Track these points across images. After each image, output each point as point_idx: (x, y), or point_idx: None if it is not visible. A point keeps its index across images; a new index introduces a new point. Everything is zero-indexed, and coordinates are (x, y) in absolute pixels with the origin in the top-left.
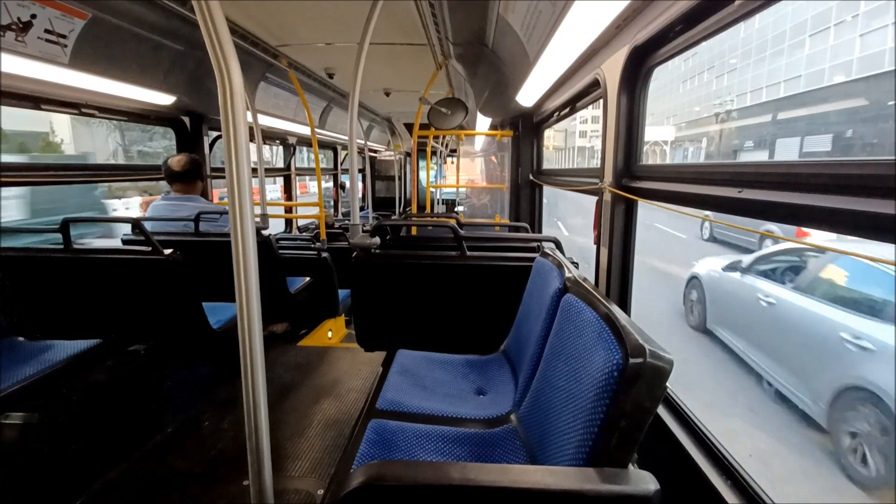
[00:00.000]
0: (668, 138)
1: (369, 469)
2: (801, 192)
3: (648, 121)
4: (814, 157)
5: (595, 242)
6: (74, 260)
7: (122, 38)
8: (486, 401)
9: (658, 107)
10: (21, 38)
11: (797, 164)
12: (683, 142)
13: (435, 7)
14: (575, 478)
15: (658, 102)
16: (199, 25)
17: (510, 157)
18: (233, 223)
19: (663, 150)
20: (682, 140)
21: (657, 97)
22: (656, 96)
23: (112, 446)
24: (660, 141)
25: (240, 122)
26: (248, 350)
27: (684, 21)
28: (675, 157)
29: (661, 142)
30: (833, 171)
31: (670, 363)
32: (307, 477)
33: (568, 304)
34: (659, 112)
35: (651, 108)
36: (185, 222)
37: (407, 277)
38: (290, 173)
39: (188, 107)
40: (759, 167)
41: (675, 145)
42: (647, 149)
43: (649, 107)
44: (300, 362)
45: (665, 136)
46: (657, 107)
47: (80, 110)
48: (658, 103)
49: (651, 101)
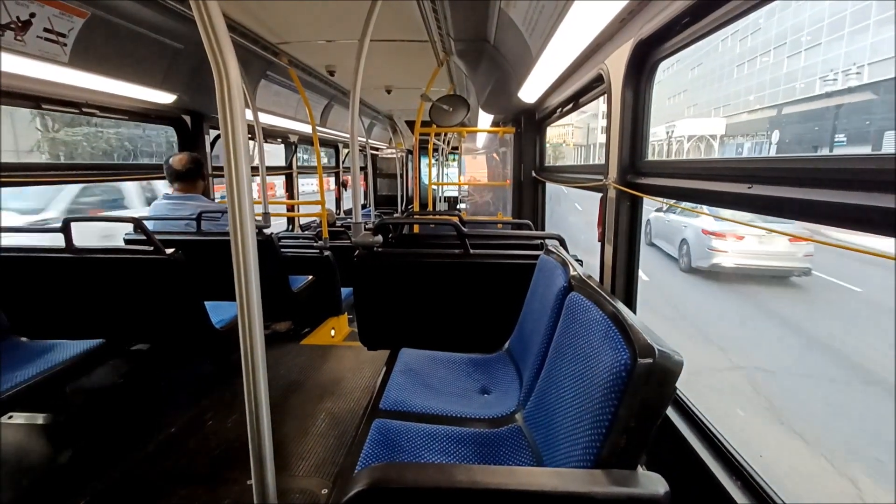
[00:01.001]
0: (716, 132)
1: (374, 471)
2: (813, 188)
3: (690, 112)
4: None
5: (599, 240)
6: (76, 260)
7: (122, 37)
8: (490, 400)
9: (702, 96)
10: (20, 37)
11: (809, 158)
12: (736, 135)
13: (436, 3)
14: (583, 480)
15: (702, 91)
16: None
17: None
18: (232, 222)
19: (709, 145)
20: (736, 133)
21: (701, 85)
22: (699, 84)
23: (115, 446)
24: (706, 135)
25: (238, 121)
26: (250, 349)
27: (691, 14)
28: (725, 154)
29: (708, 136)
30: (850, 165)
31: (680, 363)
32: (311, 476)
33: (573, 302)
34: (703, 102)
35: (693, 98)
36: (187, 221)
37: (410, 276)
38: (291, 172)
39: (189, 105)
40: (769, 162)
41: (725, 140)
42: (687, 146)
43: (690, 97)
44: (303, 361)
45: (712, 129)
46: (699, 97)
47: (80, 110)
48: (702, 92)
49: (693, 90)
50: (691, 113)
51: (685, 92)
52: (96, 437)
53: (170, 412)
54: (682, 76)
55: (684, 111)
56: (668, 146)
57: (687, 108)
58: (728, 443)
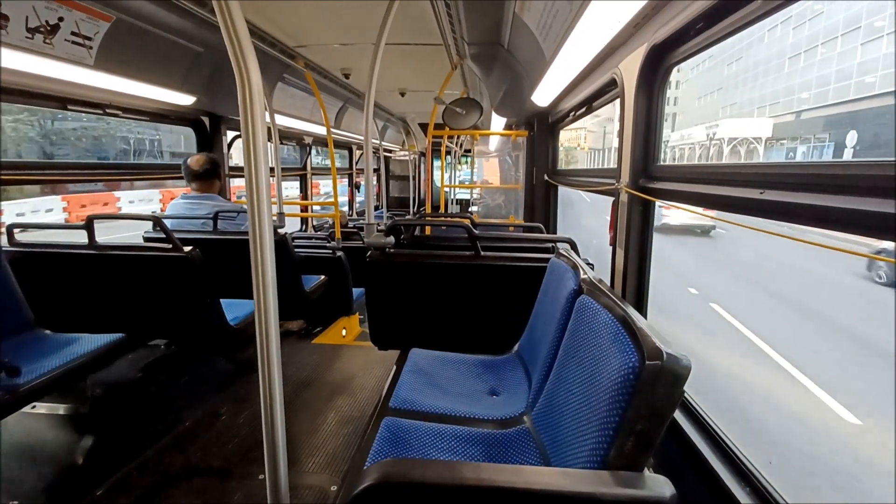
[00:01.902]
0: (761, 133)
1: (383, 467)
2: (828, 194)
3: (727, 112)
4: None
5: (611, 243)
6: (99, 256)
7: (145, 40)
8: (499, 401)
9: (741, 94)
10: (49, 40)
11: (824, 164)
12: (785, 138)
13: (451, 7)
14: (590, 481)
15: (741, 89)
16: (218, 27)
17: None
18: (251, 222)
19: (751, 149)
20: (785, 136)
21: (741, 82)
22: (738, 81)
23: (132, 437)
24: (749, 137)
25: (258, 122)
26: (265, 346)
27: (705, 18)
28: (771, 159)
29: (752, 139)
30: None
31: (688, 367)
32: (321, 473)
33: (583, 305)
34: (745, 101)
35: (729, 96)
36: (204, 220)
37: (421, 277)
38: (305, 173)
39: (207, 107)
40: (782, 167)
41: (770, 144)
42: (726, 150)
43: (726, 97)
44: (315, 359)
45: (756, 130)
46: (738, 95)
47: (104, 111)
48: (741, 90)
49: (730, 88)
50: (728, 113)
51: (719, 90)
52: (114, 428)
53: (185, 406)
54: (715, 73)
55: (718, 111)
56: (707, 150)
57: (722, 109)
58: (737, 447)
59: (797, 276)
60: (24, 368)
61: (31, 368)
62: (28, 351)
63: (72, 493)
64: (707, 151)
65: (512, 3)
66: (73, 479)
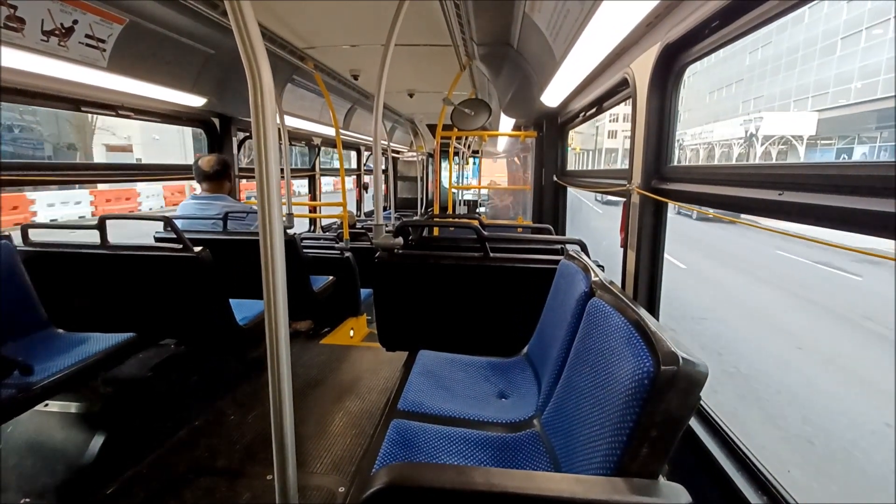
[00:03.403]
0: (802, 131)
1: (393, 470)
2: (851, 196)
3: (761, 105)
4: None
5: (622, 245)
6: (111, 256)
7: (157, 43)
8: (508, 404)
9: (771, 87)
10: (64, 42)
11: (847, 164)
12: (832, 136)
13: (460, 7)
14: (603, 487)
15: (769, 80)
16: (228, 29)
17: (534, 157)
18: (262, 222)
19: (785, 149)
20: (832, 133)
21: (769, 72)
22: (765, 72)
23: (142, 437)
24: (787, 136)
25: (269, 123)
26: (275, 346)
27: (720, 17)
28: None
29: (791, 137)
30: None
31: (705, 373)
32: (328, 474)
33: (594, 308)
34: (782, 93)
35: (753, 89)
36: (214, 221)
37: (429, 278)
38: (314, 174)
39: (217, 108)
40: (801, 168)
41: (812, 143)
42: (759, 150)
43: (748, 89)
44: (322, 360)
45: (796, 127)
46: (764, 88)
47: (117, 112)
48: (770, 82)
49: (753, 79)
50: (751, 108)
51: (739, 82)
52: (125, 426)
53: (194, 406)
54: (732, 64)
55: (738, 106)
56: (744, 148)
57: (743, 103)
58: (754, 455)
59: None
60: (37, 367)
61: (44, 367)
62: (41, 349)
63: (82, 491)
64: (730, 151)
65: (522, 3)
66: (84, 477)
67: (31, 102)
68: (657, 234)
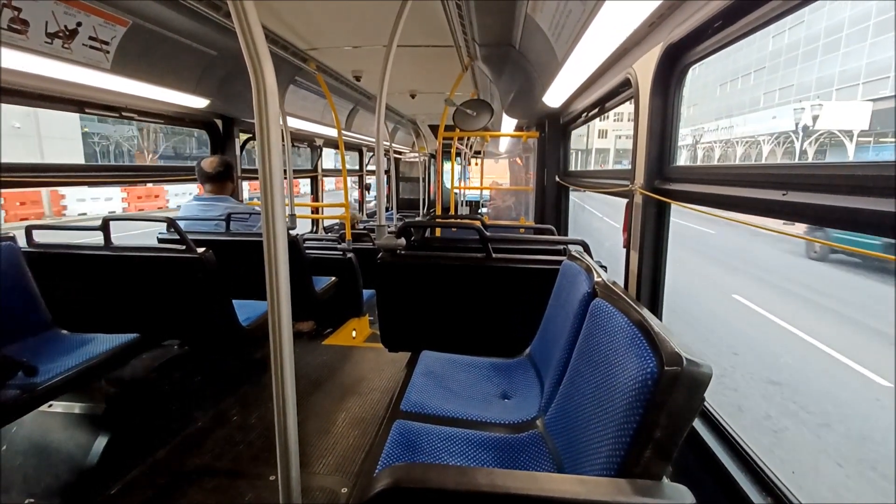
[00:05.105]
0: (852, 125)
1: (396, 471)
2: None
3: (773, 99)
4: None
5: (625, 246)
6: (114, 257)
7: (160, 44)
8: (510, 405)
9: (804, 75)
10: (68, 44)
11: (852, 164)
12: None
13: (462, 8)
14: (606, 488)
15: (800, 66)
16: (231, 31)
17: (536, 158)
18: (265, 223)
19: (820, 150)
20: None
21: (798, 58)
22: (795, 56)
23: (145, 437)
24: (834, 130)
25: (273, 124)
26: (279, 347)
27: (723, 17)
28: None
29: (840, 132)
30: None
31: (709, 374)
32: (331, 475)
33: (597, 308)
34: (819, 80)
35: (780, 78)
36: (217, 222)
37: (432, 279)
38: (316, 175)
39: (220, 110)
40: (806, 168)
41: (864, 141)
42: (807, 146)
43: (772, 80)
44: (325, 361)
45: (844, 120)
46: (794, 76)
47: (120, 114)
48: (801, 68)
49: (777, 67)
50: (776, 100)
51: (759, 71)
52: (128, 427)
53: (197, 406)
54: (750, 51)
55: (760, 99)
56: (797, 144)
57: (765, 95)
58: (758, 457)
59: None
60: (41, 368)
61: (48, 368)
62: (45, 350)
63: (86, 492)
64: (756, 149)
65: (524, 4)
66: (88, 477)
67: (35, 104)
68: (660, 235)
